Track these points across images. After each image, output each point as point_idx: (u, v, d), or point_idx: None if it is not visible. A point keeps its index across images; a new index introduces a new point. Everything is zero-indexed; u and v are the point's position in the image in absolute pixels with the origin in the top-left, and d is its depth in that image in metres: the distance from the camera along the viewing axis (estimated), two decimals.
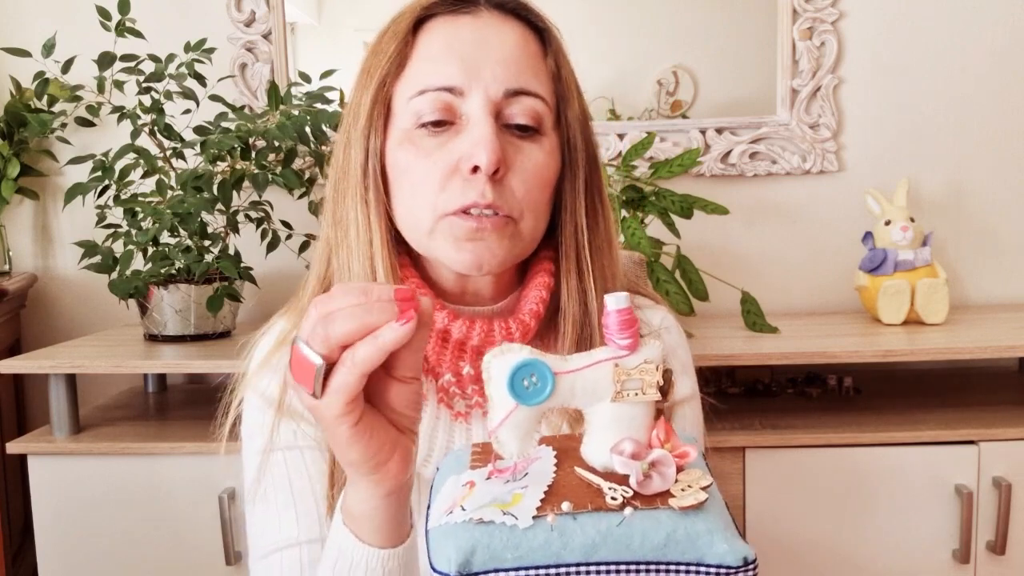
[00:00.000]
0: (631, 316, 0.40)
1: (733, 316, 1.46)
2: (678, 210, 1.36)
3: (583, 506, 0.38)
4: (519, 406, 0.39)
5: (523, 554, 0.37)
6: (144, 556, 1.27)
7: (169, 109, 1.45)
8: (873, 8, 1.59)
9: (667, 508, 0.38)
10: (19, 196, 1.67)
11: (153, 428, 1.34)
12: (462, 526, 0.38)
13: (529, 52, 0.70)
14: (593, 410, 0.40)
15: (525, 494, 0.39)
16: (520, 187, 0.68)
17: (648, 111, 1.63)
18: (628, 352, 0.40)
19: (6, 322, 1.58)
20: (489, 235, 0.67)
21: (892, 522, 1.22)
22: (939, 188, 1.62)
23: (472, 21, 0.70)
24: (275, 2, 1.62)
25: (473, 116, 0.67)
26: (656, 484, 0.39)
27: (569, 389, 0.40)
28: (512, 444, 0.40)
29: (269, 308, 1.64)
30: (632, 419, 0.40)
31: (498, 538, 0.38)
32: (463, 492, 0.41)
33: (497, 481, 0.41)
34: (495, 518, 0.38)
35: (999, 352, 1.21)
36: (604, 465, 0.40)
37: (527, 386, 0.39)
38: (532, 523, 0.38)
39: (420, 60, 0.69)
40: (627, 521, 0.38)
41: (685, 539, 0.38)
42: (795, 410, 1.34)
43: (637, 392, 0.40)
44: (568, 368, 0.39)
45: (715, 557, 0.38)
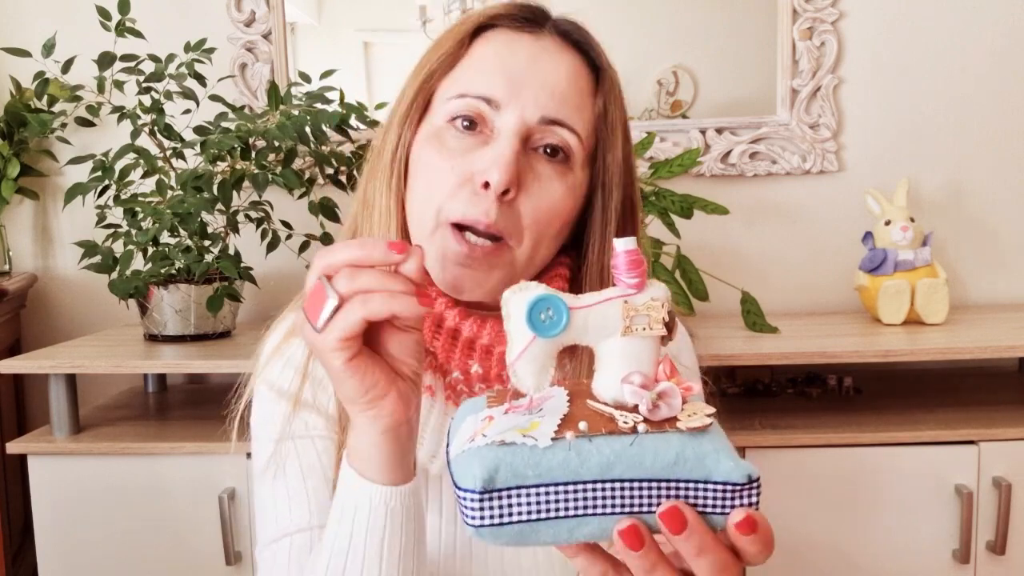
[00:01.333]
0: (639, 257, 0.42)
1: (733, 316, 1.46)
2: (678, 210, 1.36)
3: (597, 430, 0.40)
4: (536, 338, 0.41)
5: (543, 471, 0.40)
6: (144, 556, 1.27)
7: (169, 109, 1.45)
8: (873, 8, 1.60)
9: (676, 431, 0.41)
10: (19, 196, 1.68)
11: (153, 428, 1.35)
12: (485, 448, 0.40)
13: (578, 87, 0.70)
14: (604, 345, 0.43)
15: (543, 421, 0.41)
16: (529, 212, 0.67)
17: (648, 111, 1.63)
18: (636, 291, 0.42)
19: (6, 322, 1.58)
20: (478, 265, 0.67)
21: (892, 522, 1.22)
22: (939, 188, 1.62)
23: (532, 41, 0.70)
24: (275, 2, 1.62)
25: (502, 132, 0.67)
26: (664, 412, 0.41)
27: (583, 323, 0.42)
28: (529, 377, 0.42)
29: (269, 308, 1.64)
30: (640, 353, 0.42)
31: (520, 457, 0.40)
32: (483, 424, 0.43)
33: (515, 414, 0.43)
34: (516, 439, 0.40)
35: (999, 352, 1.21)
36: (615, 398, 0.42)
37: (543, 319, 0.41)
38: (551, 443, 0.40)
39: (469, 65, 0.70)
40: (639, 441, 0.40)
41: (693, 457, 0.40)
42: (795, 410, 1.34)
43: (645, 327, 0.42)
44: (581, 304, 0.42)
45: (721, 474, 0.41)
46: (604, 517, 0.41)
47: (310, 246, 1.48)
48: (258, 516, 0.74)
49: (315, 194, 1.47)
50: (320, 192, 1.50)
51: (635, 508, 0.41)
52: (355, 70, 1.66)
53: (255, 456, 0.75)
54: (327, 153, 1.43)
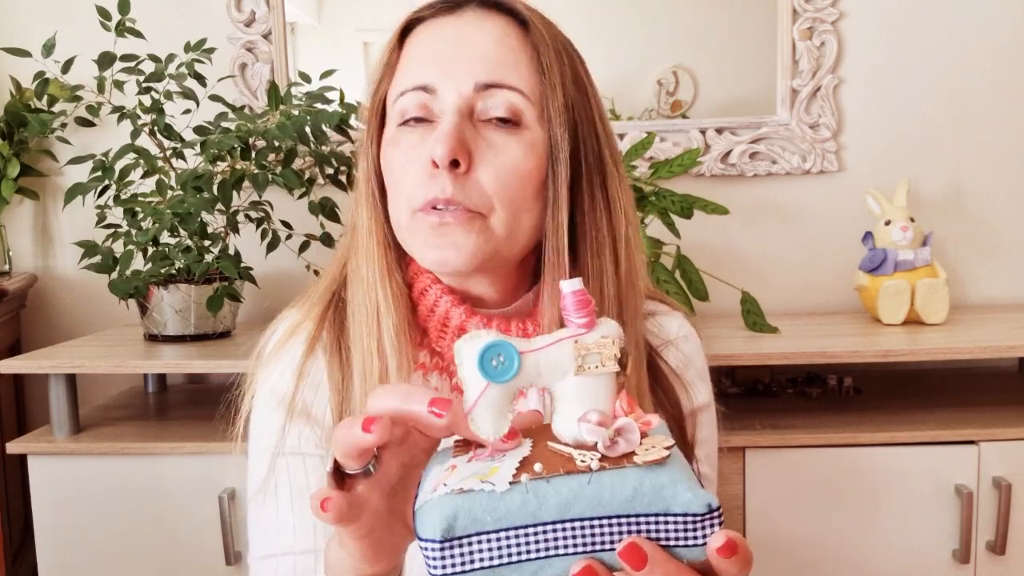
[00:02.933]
0: (585, 296, 0.43)
1: (733, 316, 1.45)
2: (678, 210, 1.36)
3: (555, 470, 0.41)
4: (490, 384, 0.42)
5: (502, 516, 0.40)
6: (144, 556, 1.27)
7: (169, 109, 1.45)
8: (873, 8, 1.59)
9: (632, 465, 0.41)
10: (19, 196, 1.67)
11: (153, 428, 1.35)
12: (444, 497, 0.41)
13: (509, 46, 0.69)
14: (559, 386, 0.43)
15: (502, 466, 0.42)
16: (491, 181, 0.67)
17: (648, 111, 1.63)
18: (586, 330, 0.43)
19: (6, 322, 1.58)
20: (453, 230, 0.66)
21: (892, 522, 1.22)
22: (939, 188, 1.62)
23: (453, 21, 0.70)
24: (275, 2, 1.62)
25: (444, 112, 0.68)
26: (622, 447, 0.42)
27: (535, 367, 0.42)
28: (487, 424, 0.42)
29: (269, 308, 1.64)
30: (595, 390, 0.43)
31: (478, 503, 0.40)
32: (446, 474, 0.43)
33: (478, 462, 0.43)
34: (474, 486, 0.40)
35: (999, 352, 1.21)
36: (574, 437, 0.43)
37: (495, 365, 0.41)
38: (509, 487, 0.40)
39: (404, 64, 0.71)
40: (595, 478, 0.40)
41: (651, 491, 0.40)
42: (795, 410, 1.34)
43: (597, 365, 0.42)
44: (532, 348, 0.42)
45: (680, 506, 0.40)
46: (567, 558, 0.41)
47: (310, 246, 1.48)
48: (250, 525, 0.75)
49: (315, 194, 1.47)
50: (320, 192, 1.50)
51: (597, 547, 0.41)
52: (355, 70, 1.66)
53: (250, 464, 0.75)
54: (327, 153, 1.43)
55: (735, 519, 1.23)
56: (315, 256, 1.48)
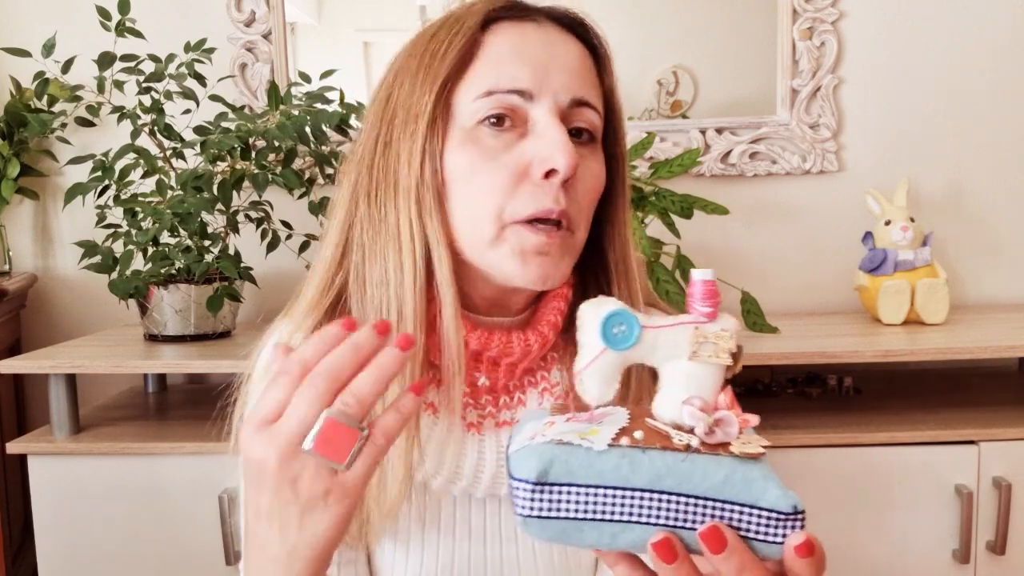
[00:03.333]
0: (714, 288, 0.44)
1: (733, 316, 1.45)
2: (678, 210, 1.36)
3: (652, 443, 0.42)
4: (607, 350, 0.43)
5: (595, 473, 0.41)
6: (144, 556, 1.27)
7: (169, 109, 1.45)
8: (873, 8, 1.60)
9: (728, 454, 0.42)
10: (19, 196, 1.67)
11: (153, 428, 1.34)
12: (544, 445, 0.42)
13: (587, 67, 0.70)
14: (669, 367, 0.44)
15: (601, 429, 0.43)
16: (582, 196, 0.67)
17: (648, 111, 1.63)
18: (708, 319, 0.44)
19: (6, 322, 1.58)
20: (555, 250, 0.66)
21: (892, 522, 1.22)
22: (939, 188, 1.62)
23: (538, 29, 0.69)
24: (275, 2, 1.62)
25: (542, 121, 0.65)
26: (719, 437, 0.43)
27: (652, 342, 0.43)
28: (594, 388, 0.43)
29: (269, 308, 1.65)
30: (704, 379, 0.44)
31: (575, 456, 0.41)
32: (544, 427, 0.44)
33: (576, 423, 0.45)
34: (573, 440, 0.42)
35: (999, 352, 1.21)
36: (673, 419, 0.44)
37: (616, 333, 0.43)
38: (607, 448, 0.42)
39: (487, 62, 0.67)
40: (691, 458, 0.42)
41: (742, 481, 0.41)
42: (795, 410, 1.34)
43: (711, 355, 0.44)
44: (654, 324, 0.44)
45: (768, 501, 0.41)
46: (647, 527, 0.42)
47: (310, 246, 1.48)
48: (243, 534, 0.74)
49: (315, 194, 1.47)
50: (320, 192, 1.50)
51: (679, 522, 0.42)
52: (355, 70, 1.66)
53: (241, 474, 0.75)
54: (327, 153, 1.43)
55: None
56: (315, 256, 1.48)
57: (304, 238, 1.48)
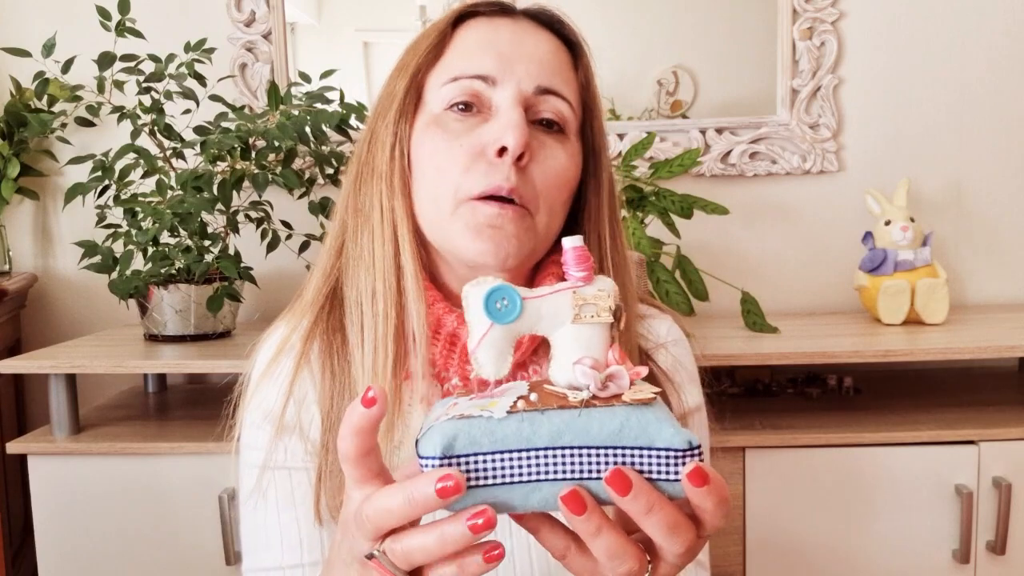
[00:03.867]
0: (585, 252, 0.46)
1: (733, 316, 1.46)
2: (678, 210, 1.36)
3: (549, 403, 0.44)
4: (494, 325, 0.45)
5: (498, 439, 0.43)
6: (144, 556, 1.27)
7: (169, 109, 1.45)
8: (873, 8, 1.60)
9: (621, 403, 0.45)
10: (19, 196, 1.68)
11: (153, 428, 1.34)
12: (446, 422, 0.44)
13: (561, 60, 0.72)
14: (557, 333, 0.46)
15: (500, 400, 0.45)
16: (540, 180, 0.68)
17: (648, 111, 1.63)
18: (585, 283, 0.46)
19: (6, 322, 1.58)
20: (508, 224, 0.67)
21: (892, 522, 1.22)
22: (939, 188, 1.62)
23: (510, 23, 0.72)
24: (275, 2, 1.62)
25: (503, 105, 0.68)
26: (612, 391, 0.45)
27: (536, 312, 0.45)
28: (489, 364, 0.45)
29: (269, 308, 1.65)
30: (590, 339, 0.46)
31: (477, 427, 0.43)
32: (449, 409, 0.46)
33: (478, 399, 0.47)
34: (474, 413, 0.44)
35: (999, 352, 1.21)
36: (568, 381, 0.46)
37: (499, 308, 0.45)
38: (506, 415, 0.44)
39: (456, 52, 0.71)
40: (586, 412, 0.44)
41: (637, 425, 0.44)
42: (795, 410, 1.34)
43: (593, 315, 0.46)
44: (534, 294, 0.46)
45: (663, 441, 0.44)
46: (555, 483, 0.44)
47: (310, 246, 1.48)
48: (242, 536, 0.76)
49: (315, 194, 1.47)
50: (320, 192, 1.50)
51: (584, 474, 0.44)
52: (355, 70, 1.66)
53: (239, 477, 0.76)
54: (327, 153, 1.43)
55: (735, 519, 1.23)
56: (315, 256, 1.47)
57: (304, 238, 1.48)
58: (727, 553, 1.24)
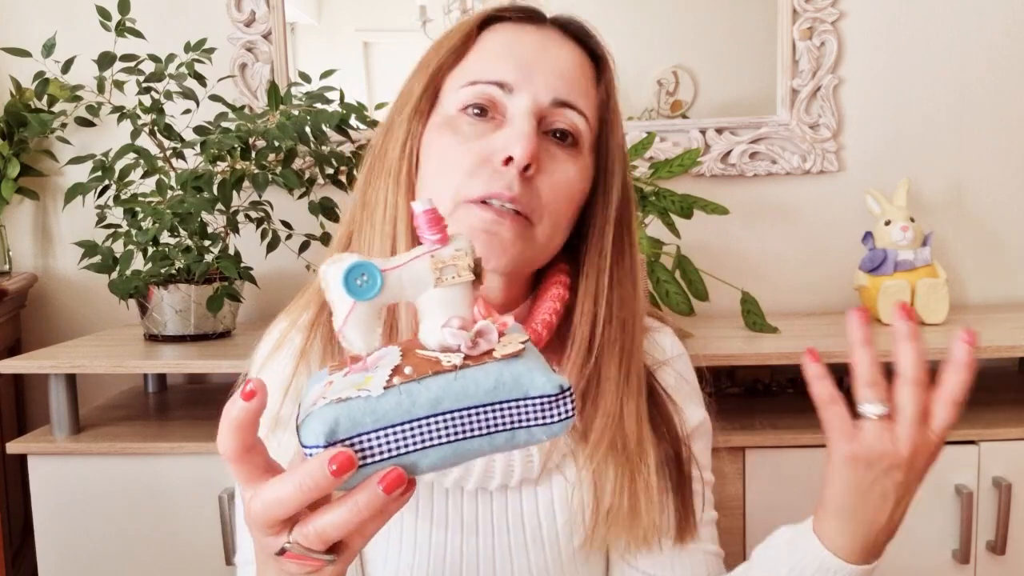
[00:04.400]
0: (436, 215, 0.46)
1: (733, 316, 1.45)
2: (678, 210, 1.36)
3: (424, 372, 0.45)
4: (356, 303, 0.44)
5: (379, 416, 0.43)
6: (144, 556, 1.27)
7: (169, 109, 1.45)
8: (873, 8, 1.60)
9: (493, 360, 0.45)
10: (19, 196, 1.68)
11: (153, 428, 1.34)
12: (324, 408, 0.44)
13: (583, 73, 0.72)
14: (422, 299, 0.46)
15: (375, 375, 0.45)
16: (547, 191, 0.68)
17: (648, 111, 1.63)
18: (440, 245, 0.46)
19: (6, 322, 1.58)
20: (505, 230, 0.67)
21: None
22: (939, 188, 1.62)
23: (536, 31, 0.72)
24: (275, 2, 1.62)
25: (517, 114, 0.68)
26: (482, 347, 0.46)
27: (397, 283, 0.45)
28: (358, 340, 0.45)
29: (269, 308, 1.65)
30: (455, 300, 0.46)
31: (356, 408, 0.44)
32: (324, 388, 0.46)
33: (353, 375, 0.47)
34: (351, 395, 0.44)
35: (999, 352, 1.21)
36: (439, 343, 0.46)
37: (360, 284, 0.44)
38: (383, 392, 0.44)
39: (478, 56, 0.71)
40: (461, 374, 0.45)
41: (511, 380, 0.45)
42: (795, 410, 1.34)
43: (454, 276, 0.46)
44: (392, 265, 0.45)
45: (536, 389, 0.45)
46: (443, 446, 0.45)
47: (310, 246, 1.48)
48: (237, 530, 0.76)
49: (315, 194, 1.47)
50: (320, 192, 1.50)
51: (468, 433, 0.45)
52: (355, 70, 1.66)
53: None
54: (327, 153, 1.43)
55: (735, 519, 1.23)
56: (315, 256, 1.48)
57: (304, 238, 1.48)
58: (727, 553, 1.23)
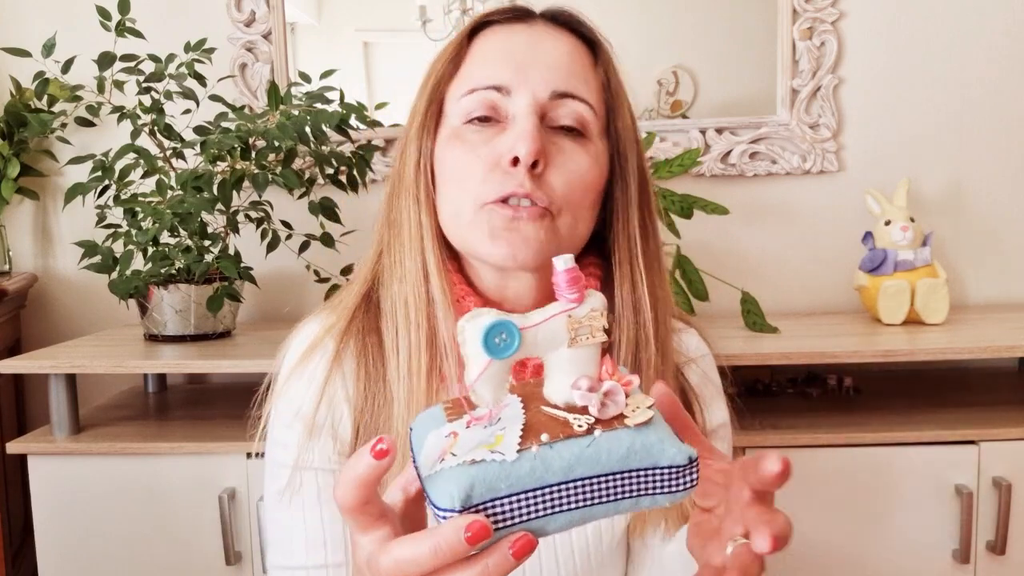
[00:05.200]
0: (577, 274, 0.46)
1: (733, 316, 1.45)
2: (678, 210, 1.36)
3: (556, 436, 0.45)
4: (493, 361, 0.45)
5: (514, 482, 0.43)
6: (144, 556, 1.27)
7: (169, 109, 1.45)
8: (873, 8, 1.60)
9: (624, 427, 0.45)
10: (19, 196, 1.68)
11: (153, 428, 1.34)
12: (457, 468, 0.44)
13: (579, 61, 0.72)
14: (552, 356, 0.47)
15: (505, 434, 0.45)
16: (560, 184, 0.69)
17: (648, 111, 1.63)
18: (576, 304, 0.46)
19: (6, 322, 1.58)
20: (525, 224, 0.67)
21: (892, 522, 1.22)
22: (939, 188, 1.62)
23: (526, 29, 0.73)
24: (275, 2, 1.62)
25: (518, 114, 0.68)
26: (611, 410, 0.46)
27: (533, 340, 0.46)
28: (488, 394, 0.46)
29: (269, 308, 1.65)
30: (585, 360, 0.47)
31: (491, 472, 0.43)
32: (449, 442, 0.46)
33: (476, 428, 0.47)
34: (485, 457, 0.44)
35: (999, 352, 1.21)
36: (565, 401, 0.46)
37: (498, 343, 0.45)
38: (517, 456, 0.44)
39: (473, 63, 0.72)
40: (595, 442, 0.45)
41: (642, 449, 0.45)
42: (795, 410, 1.34)
43: (588, 337, 0.46)
44: (531, 323, 0.46)
45: (667, 459, 0.45)
46: (571, 512, 0.45)
47: (310, 246, 1.48)
48: (269, 534, 0.75)
49: (315, 194, 1.47)
50: (320, 192, 1.50)
51: (597, 500, 0.45)
52: (355, 70, 1.66)
53: (267, 476, 0.76)
54: (327, 153, 1.43)
55: None
56: (315, 256, 1.48)
57: (304, 238, 1.48)
58: None
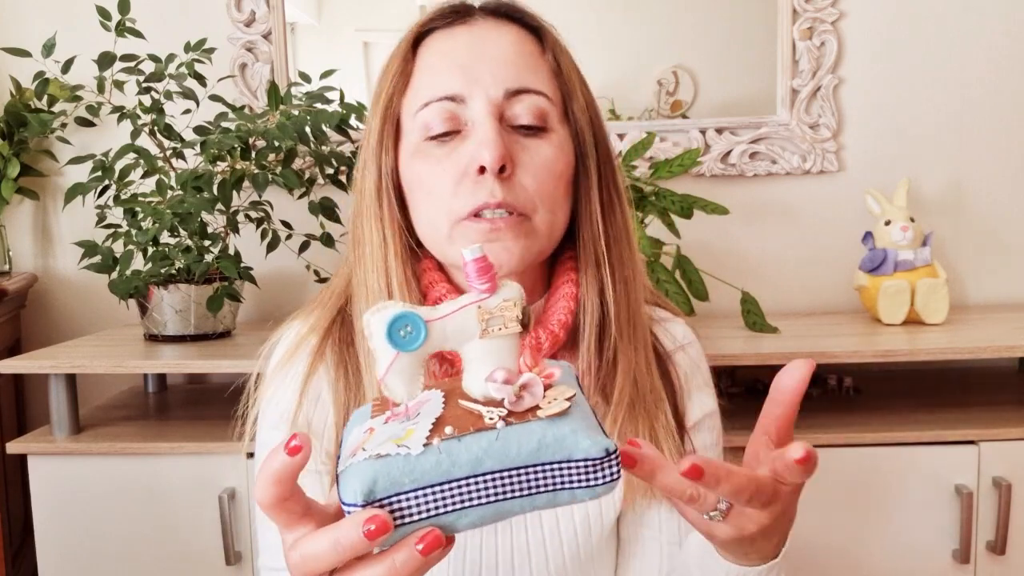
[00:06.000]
0: (487, 263, 0.45)
1: (733, 316, 1.46)
2: (678, 210, 1.36)
3: (465, 429, 0.43)
4: (399, 354, 0.44)
5: (418, 476, 0.42)
6: (144, 556, 1.27)
7: (169, 109, 1.45)
8: (873, 8, 1.60)
9: (536, 419, 0.44)
10: (19, 196, 1.68)
11: (153, 428, 1.34)
12: (364, 463, 0.43)
13: (526, 51, 0.72)
14: (466, 348, 0.45)
15: (416, 428, 0.44)
16: (531, 183, 0.69)
17: (648, 111, 1.63)
18: (488, 295, 0.45)
19: (6, 322, 1.58)
20: (504, 235, 0.68)
21: (892, 522, 1.22)
22: (939, 188, 1.62)
23: (467, 30, 0.72)
24: (275, 2, 1.62)
25: (477, 120, 0.68)
26: (527, 402, 0.44)
27: (441, 333, 0.45)
28: (399, 388, 0.45)
29: (269, 308, 1.65)
30: (500, 351, 0.45)
31: (395, 467, 0.42)
32: (364, 437, 0.45)
33: (394, 423, 0.46)
34: (391, 451, 0.43)
35: (999, 352, 1.21)
36: (483, 394, 0.45)
37: (403, 335, 0.44)
38: (423, 450, 0.43)
39: (422, 74, 0.72)
40: (503, 434, 0.43)
41: (554, 441, 0.43)
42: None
43: (500, 328, 0.45)
44: (437, 315, 0.45)
45: (581, 452, 0.43)
46: (482, 507, 0.44)
47: (310, 246, 1.48)
48: (259, 536, 0.75)
49: (315, 194, 1.47)
50: (320, 192, 1.50)
51: (507, 495, 0.44)
52: (355, 70, 1.66)
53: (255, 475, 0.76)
54: (327, 153, 1.43)
55: None
56: (315, 256, 1.48)
57: (304, 238, 1.48)
58: None
